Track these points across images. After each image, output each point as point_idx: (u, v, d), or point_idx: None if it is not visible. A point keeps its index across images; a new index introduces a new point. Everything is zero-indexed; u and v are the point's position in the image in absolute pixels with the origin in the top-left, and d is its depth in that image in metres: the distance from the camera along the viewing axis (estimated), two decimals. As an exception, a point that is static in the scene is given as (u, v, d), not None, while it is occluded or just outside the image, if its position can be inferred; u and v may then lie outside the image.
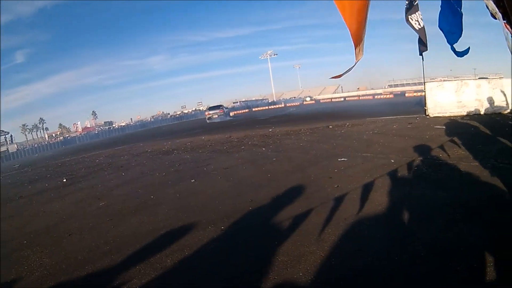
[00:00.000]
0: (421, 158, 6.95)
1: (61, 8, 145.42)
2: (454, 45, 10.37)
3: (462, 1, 9.25)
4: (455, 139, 8.33)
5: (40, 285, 3.84)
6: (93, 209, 6.95)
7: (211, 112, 43.44)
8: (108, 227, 5.54)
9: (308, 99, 75.25)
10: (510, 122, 10.91)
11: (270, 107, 72.00)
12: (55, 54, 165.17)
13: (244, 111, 68.71)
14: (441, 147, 7.56)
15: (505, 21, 3.25)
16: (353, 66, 3.24)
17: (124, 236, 4.98)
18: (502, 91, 13.00)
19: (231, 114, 56.90)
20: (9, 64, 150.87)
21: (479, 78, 16.09)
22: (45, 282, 3.90)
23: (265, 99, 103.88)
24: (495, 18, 3.87)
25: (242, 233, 4.44)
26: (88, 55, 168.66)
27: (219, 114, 42.66)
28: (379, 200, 4.77)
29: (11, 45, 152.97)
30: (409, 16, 14.72)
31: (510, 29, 3.43)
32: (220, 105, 46.11)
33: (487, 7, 3.86)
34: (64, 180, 11.93)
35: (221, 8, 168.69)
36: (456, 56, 11.38)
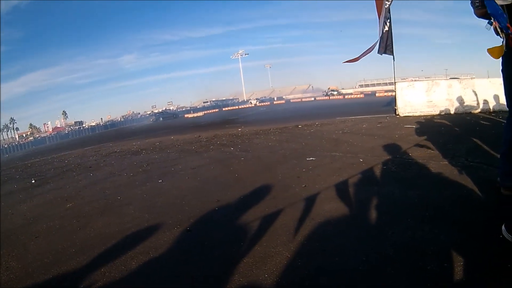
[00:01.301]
0: (390, 157, 6.92)
1: (34, 6, 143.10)
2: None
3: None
4: (425, 138, 8.36)
5: (7, 290, 3.74)
6: (60, 211, 6.75)
7: None
8: (75, 228, 5.38)
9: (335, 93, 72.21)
10: (481, 121, 11.04)
11: (240, 106, 72.25)
12: (26, 53, 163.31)
13: (214, 110, 68.78)
14: (411, 146, 7.57)
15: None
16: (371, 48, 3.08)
17: (90, 237, 4.84)
18: (474, 91, 13.21)
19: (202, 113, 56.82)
20: None
21: (450, 78, 16.46)
22: (11, 287, 3.76)
23: (235, 98, 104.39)
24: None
25: (207, 233, 4.33)
26: (59, 54, 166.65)
27: None
28: (347, 200, 4.70)
29: None
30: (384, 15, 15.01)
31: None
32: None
33: (480, 2, 3.75)
34: (33, 181, 11.67)
35: (193, 7, 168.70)
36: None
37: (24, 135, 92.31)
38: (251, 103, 74.16)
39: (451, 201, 4.22)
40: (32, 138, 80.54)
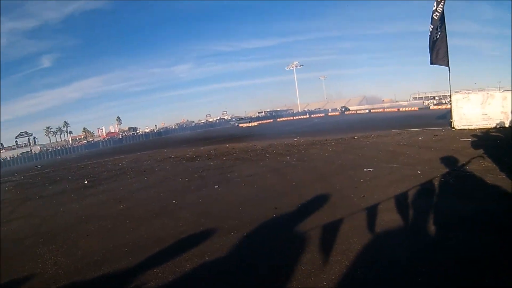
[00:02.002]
0: (447, 169, 6.88)
1: (88, 15, 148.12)
2: None
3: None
4: (482, 151, 8.25)
5: (53, 284, 3.90)
6: (113, 211, 7.03)
7: None
8: (128, 229, 5.61)
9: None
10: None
11: (294, 117, 71.84)
12: (81, 60, 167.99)
13: (269, 121, 68.64)
14: (468, 159, 7.48)
15: None
16: None
17: (143, 239, 5.02)
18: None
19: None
20: (35, 69, 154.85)
21: (504, 91, 15.91)
22: (58, 281, 3.97)
23: (290, 109, 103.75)
24: None
25: (265, 240, 4.44)
26: (114, 62, 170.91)
27: None
28: (405, 211, 4.74)
29: (38, 50, 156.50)
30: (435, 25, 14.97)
31: None
32: None
33: None
34: (86, 182, 12.14)
35: (249, 18, 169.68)
36: None
37: (77, 138, 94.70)
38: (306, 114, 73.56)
39: (509, 214, 4.25)
40: (85, 141, 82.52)
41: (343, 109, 71.78)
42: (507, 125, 13.11)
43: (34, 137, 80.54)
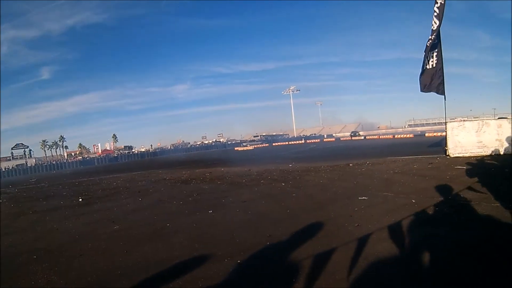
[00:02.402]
0: (442, 198, 6.89)
1: (90, 29, 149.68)
2: None
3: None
4: (476, 179, 8.27)
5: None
6: (107, 232, 6.99)
7: None
8: (121, 251, 5.55)
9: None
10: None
11: (290, 142, 72.12)
12: (80, 74, 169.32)
13: (264, 145, 68.85)
14: (462, 187, 7.50)
15: None
16: None
17: (136, 262, 4.98)
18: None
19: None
20: (34, 79, 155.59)
21: (499, 118, 16.08)
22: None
23: (285, 134, 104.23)
24: None
25: (259, 268, 4.40)
26: (113, 79, 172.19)
27: None
28: (400, 241, 4.72)
29: (38, 60, 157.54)
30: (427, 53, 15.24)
31: None
32: None
33: None
34: (80, 199, 12.12)
35: (247, 41, 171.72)
36: None
37: (73, 153, 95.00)
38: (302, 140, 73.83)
39: (505, 243, 4.25)
40: (80, 157, 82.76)
41: (352, 134, 71.81)
42: (501, 153, 13.21)
43: (30, 150, 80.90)
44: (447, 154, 14.54)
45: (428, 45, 15.33)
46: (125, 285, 4.18)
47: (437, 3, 14.75)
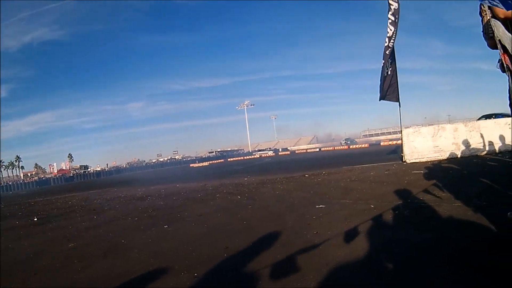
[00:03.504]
0: (401, 202, 6.81)
1: (46, 46, 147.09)
2: None
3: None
4: (435, 182, 8.25)
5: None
6: (62, 250, 6.68)
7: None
8: (76, 268, 5.27)
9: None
10: (488, 163, 11.05)
11: (245, 157, 72.52)
12: (37, 92, 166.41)
13: (219, 160, 69.03)
14: (421, 190, 7.45)
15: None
16: None
17: (92, 278, 4.73)
18: (480, 133, 13.29)
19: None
20: None
21: (484, 117, 16.59)
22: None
23: (240, 149, 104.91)
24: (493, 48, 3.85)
25: (216, 280, 4.17)
26: (69, 97, 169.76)
27: None
28: (361, 245, 4.56)
29: None
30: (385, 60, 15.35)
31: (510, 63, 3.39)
32: None
33: (493, 32, 3.77)
34: (35, 219, 11.77)
35: (200, 57, 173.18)
36: None
37: (29, 174, 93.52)
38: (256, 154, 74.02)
39: (468, 242, 4.14)
40: (36, 178, 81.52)
41: (348, 142, 71.07)
42: (459, 156, 13.46)
43: (-14, 171, 79.31)
44: (404, 160, 14.67)
45: (387, 53, 15.43)
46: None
47: (390, 10, 14.89)
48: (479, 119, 24.70)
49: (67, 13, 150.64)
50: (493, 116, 22.91)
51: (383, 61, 15.75)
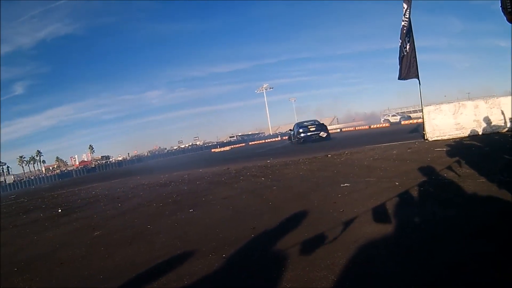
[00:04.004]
0: (425, 179, 6.82)
1: (60, 41, 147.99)
2: None
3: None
4: (458, 159, 8.23)
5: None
6: (87, 239, 6.80)
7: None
8: (103, 256, 5.39)
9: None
10: (510, 139, 11.00)
11: (266, 140, 72.26)
12: (53, 87, 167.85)
13: (241, 144, 68.82)
14: (445, 167, 7.44)
15: None
16: None
17: (119, 265, 4.82)
18: (500, 110, 13.09)
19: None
20: (8, 96, 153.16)
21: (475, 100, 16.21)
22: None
23: (261, 132, 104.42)
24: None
25: (246, 260, 4.24)
26: (87, 89, 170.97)
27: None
28: (388, 222, 4.61)
29: (10, 76, 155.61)
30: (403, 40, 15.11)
31: None
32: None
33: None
34: (59, 210, 11.92)
35: (218, 42, 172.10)
36: None
37: (50, 168, 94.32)
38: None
39: (494, 216, 4.18)
40: (58, 171, 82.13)
41: (402, 117, 64.19)
42: (480, 133, 13.32)
43: (8, 167, 79.99)
44: (425, 138, 14.57)
45: (404, 32, 15.23)
46: (108, 288, 4.01)
47: None
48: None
49: (79, 6, 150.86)
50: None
51: (400, 41, 15.57)
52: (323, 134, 28.90)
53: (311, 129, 29.23)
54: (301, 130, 29.47)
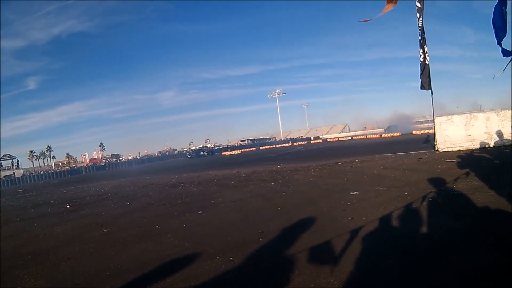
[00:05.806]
0: (435, 190, 6.83)
1: (75, 38, 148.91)
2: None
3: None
4: (468, 171, 8.23)
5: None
6: (95, 235, 6.87)
7: None
8: (110, 253, 5.44)
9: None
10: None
11: (277, 145, 72.13)
12: (66, 83, 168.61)
13: (251, 149, 68.81)
14: (454, 179, 7.45)
15: None
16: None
17: (125, 263, 4.86)
18: (512, 123, 12.98)
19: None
20: (21, 90, 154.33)
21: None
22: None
23: (272, 137, 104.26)
24: None
25: (253, 264, 4.26)
26: (99, 87, 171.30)
27: None
28: (396, 231, 4.65)
29: (24, 70, 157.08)
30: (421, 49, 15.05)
31: None
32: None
33: None
34: (68, 206, 12.04)
35: (232, 46, 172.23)
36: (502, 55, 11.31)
37: (60, 163, 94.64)
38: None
39: (502, 229, 4.20)
40: (68, 167, 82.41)
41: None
42: (491, 145, 13.24)
43: (18, 160, 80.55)
44: (436, 149, 14.56)
45: (420, 41, 15.17)
46: (113, 286, 4.04)
47: None
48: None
49: (95, 5, 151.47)
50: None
51: (420, 50, 15.51)
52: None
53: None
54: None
